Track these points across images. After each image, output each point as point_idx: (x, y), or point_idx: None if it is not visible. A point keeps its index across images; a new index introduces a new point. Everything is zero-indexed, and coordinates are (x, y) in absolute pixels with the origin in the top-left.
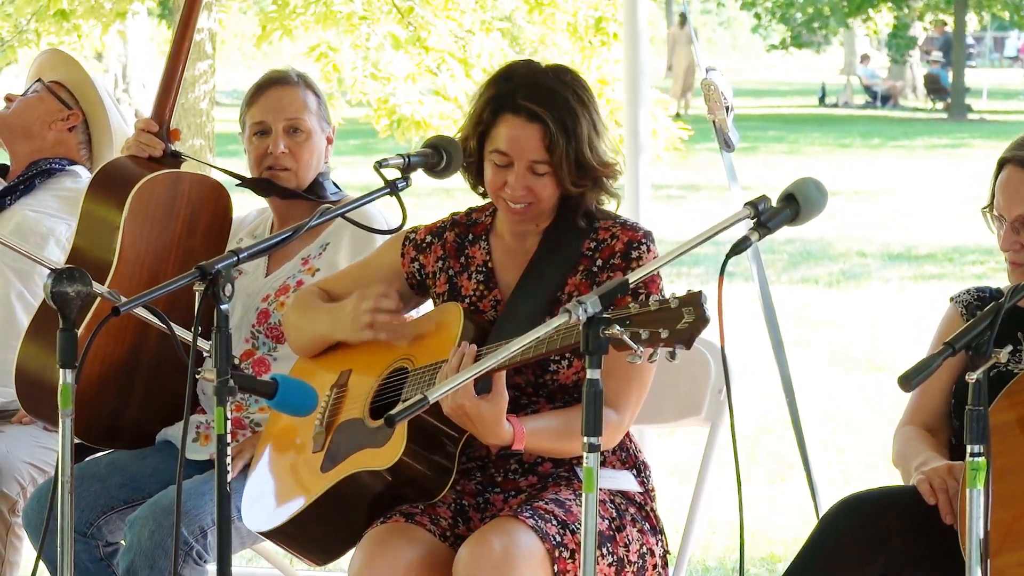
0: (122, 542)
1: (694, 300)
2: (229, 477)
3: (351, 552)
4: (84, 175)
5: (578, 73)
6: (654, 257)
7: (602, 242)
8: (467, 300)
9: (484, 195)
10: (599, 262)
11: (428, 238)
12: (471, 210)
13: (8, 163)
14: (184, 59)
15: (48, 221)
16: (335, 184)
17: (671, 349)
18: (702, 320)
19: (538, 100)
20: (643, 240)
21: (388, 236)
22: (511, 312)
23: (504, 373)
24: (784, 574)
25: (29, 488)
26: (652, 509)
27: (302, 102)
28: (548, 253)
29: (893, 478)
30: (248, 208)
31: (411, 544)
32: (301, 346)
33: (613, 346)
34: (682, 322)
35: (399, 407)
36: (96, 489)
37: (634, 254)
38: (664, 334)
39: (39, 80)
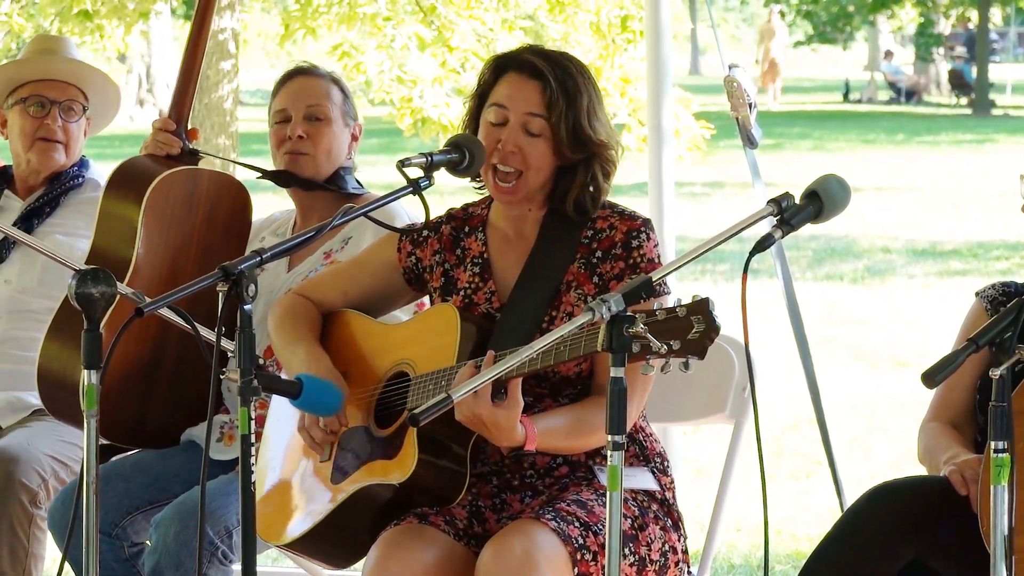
0: (147, 543)
1: (702, 308)
2: (253, 477)
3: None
4: (103, 182)
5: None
6: (654, 245)
7: (600, 232)
8: (462, 293)
9: (481, 186)
10: (599, 253)
11: (425, 232)
12: (467, 205)
13: (8, 164)
14: (200, 57)
15: (81, 243)
16: (358, 181)
17: (684, 360)
18: (713, 329)
19: (542, 59)
20: (642, 228)
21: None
22: (514, 307)
23: (520, 380)
24: (811, 557)
25: (51, 481)
26: (673, 502)
27: (324, 91)
28: (547, 245)
29: (919, 474)
30: (271, 209)
31: (425, 545)
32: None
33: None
34: (693, 332)
35: (424, 406)
36: (121, 490)
37: (634, 243)
38: (676, 345)
39: (80, 106)
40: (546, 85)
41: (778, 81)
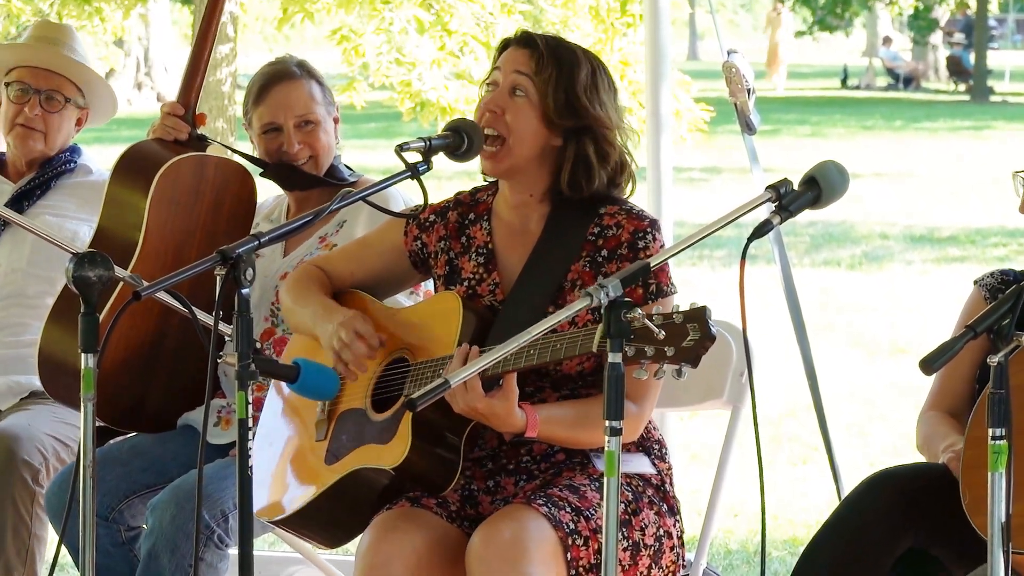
0: (144, 526)
1: (699, 316)
2: (250, 461)
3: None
4: (95, 167)
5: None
6: (661, 246)
7: (607, 229)
8: (465, 283)
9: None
10: (604, 252)
11: (432, 217)
12: (475, 189)
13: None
14: (211, 43)
15: (70, 224)
16: (348, 167)
17: (677, 367)
18: (708, 338)
19: (541, 36)
20: (648, 229)
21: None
22: (516, 302)
23: (515, 372)
24: (809, 544)
25: (52, 460)
26: (669, 489)
27: (308, 95)
28: (552, 241)
29: (917, 461)
30: (269, 192)
31: (418, 528)
32: (293, 327)
33: None
34: (687, 339)
35: (421, 391)
36: (118, 473)
37: (640, 244)
38: (670, 352)
39: (62, 96)
40: (535, 50)
41: (783, 68)
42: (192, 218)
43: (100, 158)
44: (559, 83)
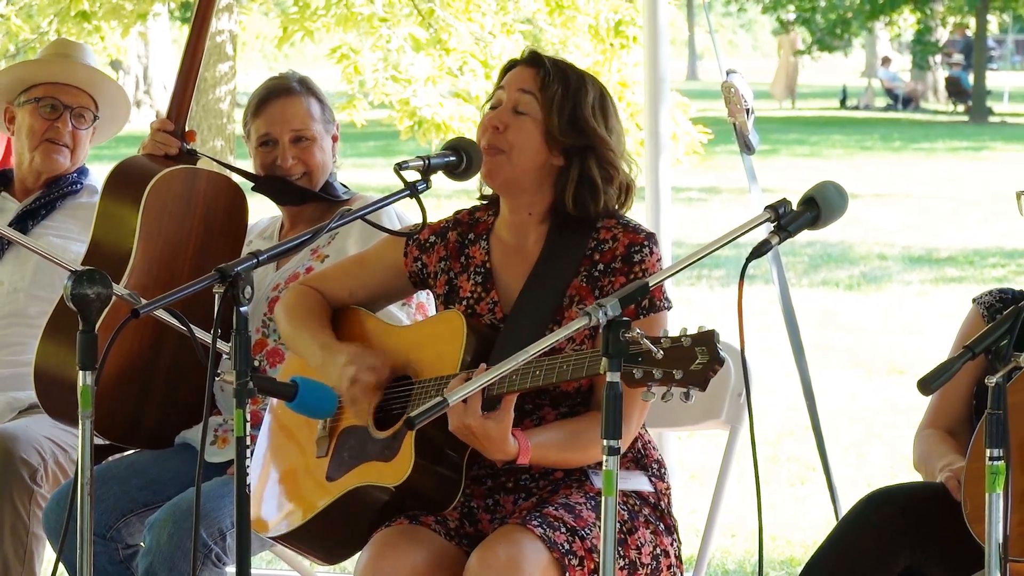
0: (141, 544)
1: (707, 340)
2: (248, 480)
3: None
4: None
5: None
6: (657, 260)
7: (603, 243)
8: (464, 302)
9: (489, 195)
10: (600, 266)
11: (432, 238)
12: (475, 208)
13: (8, 168)
14: (199, 59)
15: (74, 246)
16: (343, 185)
17: (685, 390)
18: (716, 361)
19: (548, 58)
20: (645, 243)
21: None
22: (516, 320)
23: (515, 394)
24: (806, 564)
25: (50, 461)
26: (667, 508)
27: (306, 111)
28: (551, 259)
29: (914, 480)
30: (263, 209)
31: (417, 546)
32: (292, 352)
33: (627, 383)
34: (696, 363)
35: (419, 409)
36: (116, 492)
37: (636, 258)
38: (678, 375)
39: (90, 114)
40: (541, 68)
41: (794, 88)
42: (183, 230)
43: (102, 177)
44: (564, 101)
